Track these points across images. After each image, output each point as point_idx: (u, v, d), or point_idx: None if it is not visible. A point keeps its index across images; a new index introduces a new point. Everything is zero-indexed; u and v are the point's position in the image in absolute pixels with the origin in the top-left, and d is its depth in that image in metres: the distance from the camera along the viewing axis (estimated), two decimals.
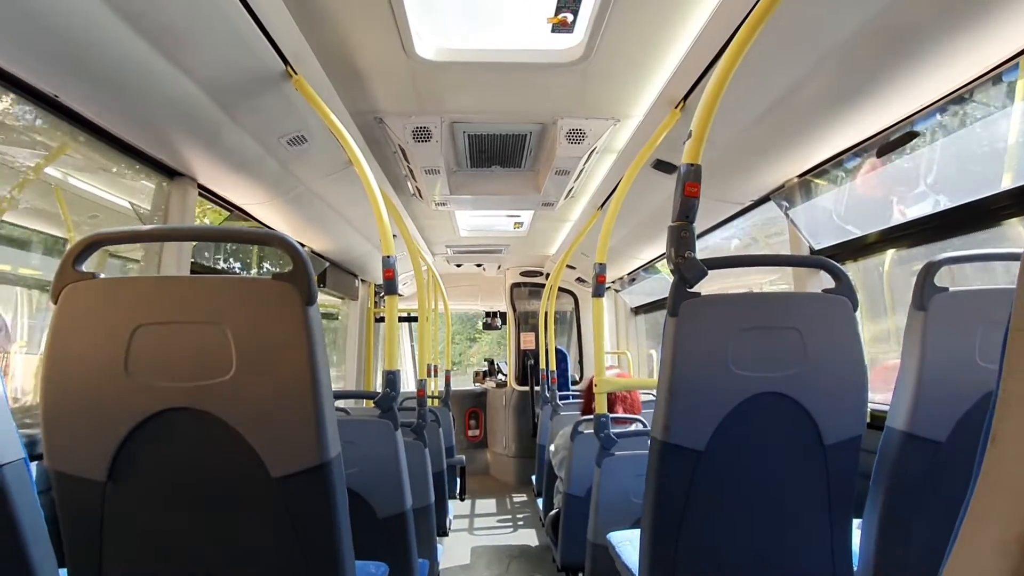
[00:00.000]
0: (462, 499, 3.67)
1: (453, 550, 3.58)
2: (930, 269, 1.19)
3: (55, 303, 0.90)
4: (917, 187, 1.98)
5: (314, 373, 0.91)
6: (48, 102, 1.48)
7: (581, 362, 5.62)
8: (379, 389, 1.85)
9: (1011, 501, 0.41)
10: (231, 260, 3.59)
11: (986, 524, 0.43)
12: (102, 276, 0.94)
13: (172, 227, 1.95)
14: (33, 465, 1.01)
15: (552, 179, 2.74)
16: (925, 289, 1.19)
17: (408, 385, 6.37)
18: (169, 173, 2.02)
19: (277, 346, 0.91)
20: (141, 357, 0.90)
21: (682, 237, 1.16)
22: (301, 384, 0.91)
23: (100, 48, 1.29)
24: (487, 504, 4.77)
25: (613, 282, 4.86)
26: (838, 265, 1.25)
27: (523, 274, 5.65)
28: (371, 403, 1.77)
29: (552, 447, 2.85)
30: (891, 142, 1.78)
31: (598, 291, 2.12)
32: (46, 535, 0.97)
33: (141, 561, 0.96)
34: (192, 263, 2.24)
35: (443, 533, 3.13)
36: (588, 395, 2.69)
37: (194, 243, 2.24)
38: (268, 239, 0.97)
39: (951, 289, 1.20)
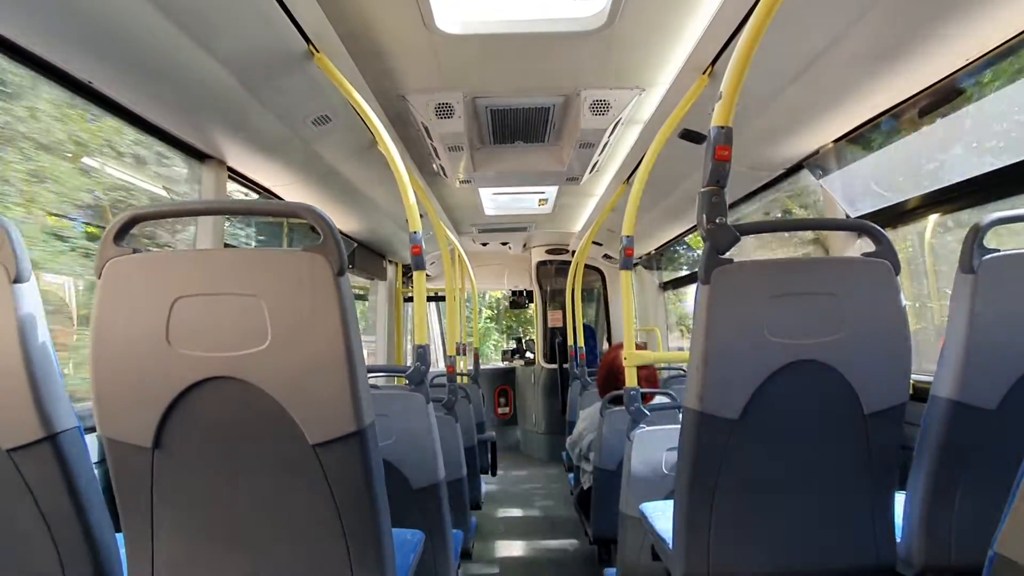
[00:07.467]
0: (493, 474, 3.73)
1: (486, 524, 3.65)
2: (979, 230, 1.13)
3: (99, 278, 0.93)
4: (963, 147, 1.88)
5: (347, 342, 0.93)
6: (82, 88, 1.51)
7: (609, 339, 5.59)
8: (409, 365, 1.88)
9: None
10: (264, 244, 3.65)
11: None
12: (142, 251, 0.97)
13: (204, 201, 2.07)
14: (90, 438, 1.06)
15: (576, 153, 2.69)
16: (974, 251, 1.13)
17: (439, 364, 6.47)
18: (199, 156, 2.06)
19: (310, 316, 0.93)
20: (181, 328, 0.93)
21: (713, 203, 1.13)
22: (335, 353, 0.93)
23: (127, 31, 1.31)
24: (519, 480, 4.83)
25: (640, 258, 4.80)
26: (878, 227, 1.20)
27: (549, 252, 5.62)
28: (402, 380, 1.80)
29: (576, 431, 2.81)
30: (935, 101, 1.68)
31: (626, 264, 2.09)
32: (103, 501, 1.02)
33: (188, 524, 1.00)
34: (225, 246, 2.29)
35: (476, 507, 3.18)
36: (603, 372, 2.63)
37: (226, 228, 2.30)
38: (297, 211, 0.99)
39: (1002, 251, 1.14)
